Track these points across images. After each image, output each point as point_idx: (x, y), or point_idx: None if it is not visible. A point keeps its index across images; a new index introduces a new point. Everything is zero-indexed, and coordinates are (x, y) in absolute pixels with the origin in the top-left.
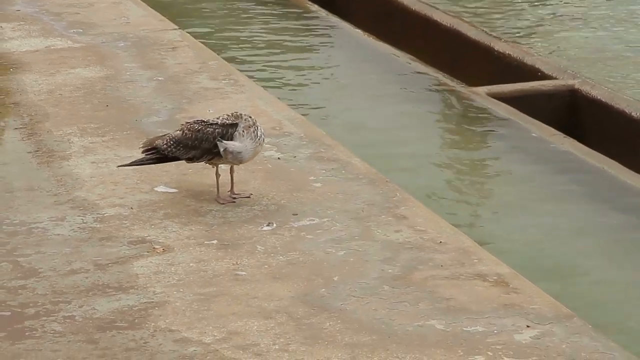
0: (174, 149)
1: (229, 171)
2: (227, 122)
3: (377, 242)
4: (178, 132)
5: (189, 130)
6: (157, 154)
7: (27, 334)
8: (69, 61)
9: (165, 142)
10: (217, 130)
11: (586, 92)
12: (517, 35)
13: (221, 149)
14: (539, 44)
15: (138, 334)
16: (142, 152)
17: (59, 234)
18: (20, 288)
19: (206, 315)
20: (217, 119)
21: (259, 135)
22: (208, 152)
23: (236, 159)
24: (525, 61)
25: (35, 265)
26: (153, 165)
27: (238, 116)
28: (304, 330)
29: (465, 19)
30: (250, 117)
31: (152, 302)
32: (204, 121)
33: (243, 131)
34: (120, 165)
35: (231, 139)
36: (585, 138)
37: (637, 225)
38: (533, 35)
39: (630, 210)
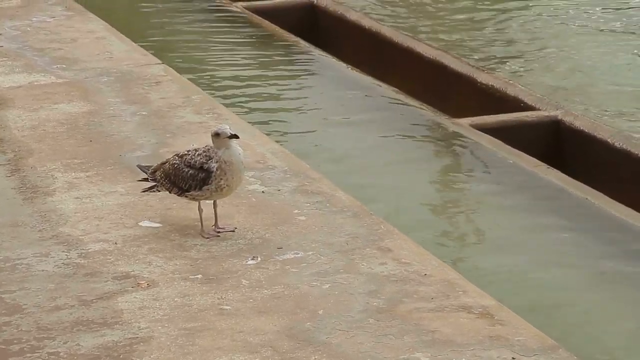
0: (168, 186)
1: (213, 205)
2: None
3: (362, 275)
4: (167, 165)
5: (171, 166)
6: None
7: None
8: (52, 97)
9: (160, 176)
10: (199, 158)
11: (569, 122)
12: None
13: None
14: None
15: None
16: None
17: (43, 270)
18: (5, 325)
19: (191, 350)
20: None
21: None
22: (195, 179)
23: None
24: (508, 92)
25: (19, 301)
26: (141, 198)
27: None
28: None
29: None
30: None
31: (137, 337)
32: (183, 156)
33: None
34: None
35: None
36: (568, 168)
37: (621, 255)
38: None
39: (614, 241)
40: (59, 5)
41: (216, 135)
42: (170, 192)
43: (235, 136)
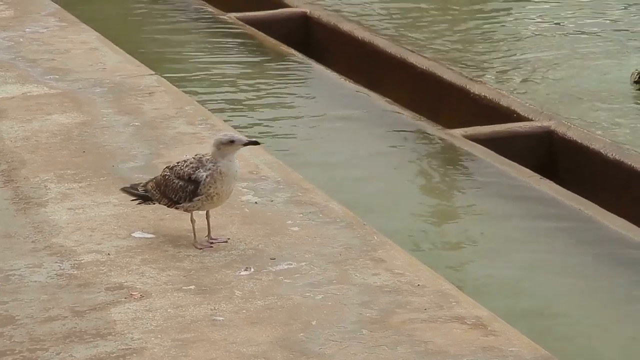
0: (158, 196)
1: (205, 216)
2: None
3: (355, 286)
4: (159, 176)
5: (162, 177)
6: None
7: None
8: (45, 107)
9: (151, 187)
10: (187, 169)
11: (562, 133)
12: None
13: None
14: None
15: None
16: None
17: (36, 281)
18: None
19: None
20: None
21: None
22: (185, 190)
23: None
24: (501, 103)
25: (12, 312)
26: (134, 209)
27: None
28: None
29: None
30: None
31: (130, 348)
32: (173, 167)
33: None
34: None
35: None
36: (561, 179)
37: (614, 265)
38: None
39: (607, 251)
40: (53, 16)
41: (230, 142)
42: (159, 203)
43: (255, 143)
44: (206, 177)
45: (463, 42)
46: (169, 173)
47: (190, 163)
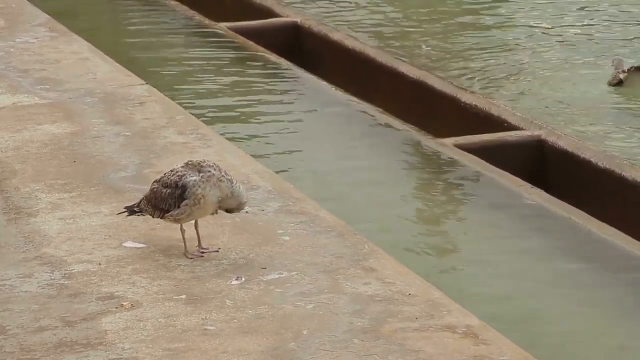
0: (151, 211)
1: (194, 226)
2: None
3: (346, 295)
4: (148, 192)
5: (150, 191)
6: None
7: None
8: (36, 117)
9: (144, 205)
10: (174, 177)
11: (553, 142)
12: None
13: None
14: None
15: None
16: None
17: (26, 291)
18: None
19: None
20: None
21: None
22: (173, 197)
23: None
24: (492, 112)
25: (2, 322)
26: (125, 218)
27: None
28: None
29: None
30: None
31: (121, 358)
32: (160, 179)
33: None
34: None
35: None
36: (552, 188)
37: (605, 274)
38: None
39: (597, 260)
40: (43, 26)
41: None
42: (153, 217)
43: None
44: (201, 178)
45: (453, 51)
46: (156, 185)
47: (177, 172)
